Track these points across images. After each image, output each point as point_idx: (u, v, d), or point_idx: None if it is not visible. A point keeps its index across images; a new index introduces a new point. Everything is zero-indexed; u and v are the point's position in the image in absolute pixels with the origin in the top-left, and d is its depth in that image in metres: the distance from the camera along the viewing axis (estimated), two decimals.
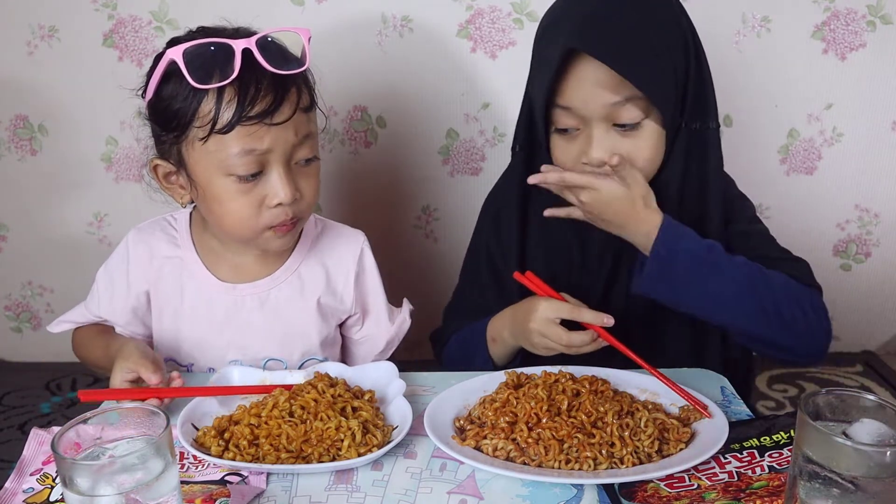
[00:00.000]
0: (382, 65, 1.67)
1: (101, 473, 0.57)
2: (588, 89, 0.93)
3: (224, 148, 0.87)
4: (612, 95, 0.92)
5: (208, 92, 0.86)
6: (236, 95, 0.86)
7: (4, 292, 1.91)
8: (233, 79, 0.85)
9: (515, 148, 1.07)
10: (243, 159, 0.88)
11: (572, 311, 0.93)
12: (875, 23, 1.65)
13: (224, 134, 0.86)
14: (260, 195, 0.91)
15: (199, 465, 0.77)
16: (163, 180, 0.96)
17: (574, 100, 0.94)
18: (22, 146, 1.74)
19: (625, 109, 0.93)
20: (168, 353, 1.03)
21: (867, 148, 1.77)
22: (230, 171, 0.89)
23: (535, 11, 1.62)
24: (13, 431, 1.72)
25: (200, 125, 0.87)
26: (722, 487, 0.71)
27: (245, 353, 1.03)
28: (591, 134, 0.95)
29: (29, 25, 1.64)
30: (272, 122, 0.87)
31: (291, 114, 0.88)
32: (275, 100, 0.87)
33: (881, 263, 1.89)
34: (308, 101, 0.93)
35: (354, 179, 1.77)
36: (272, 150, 0.88)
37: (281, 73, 0.87)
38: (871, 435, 0.59)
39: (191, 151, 0.90)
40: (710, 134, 1.00)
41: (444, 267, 1.79)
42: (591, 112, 0.94)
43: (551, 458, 0.75)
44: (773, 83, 1.71)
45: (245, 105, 0.85)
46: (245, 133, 0.86)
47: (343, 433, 0.77)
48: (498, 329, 1.03)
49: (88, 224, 1.81)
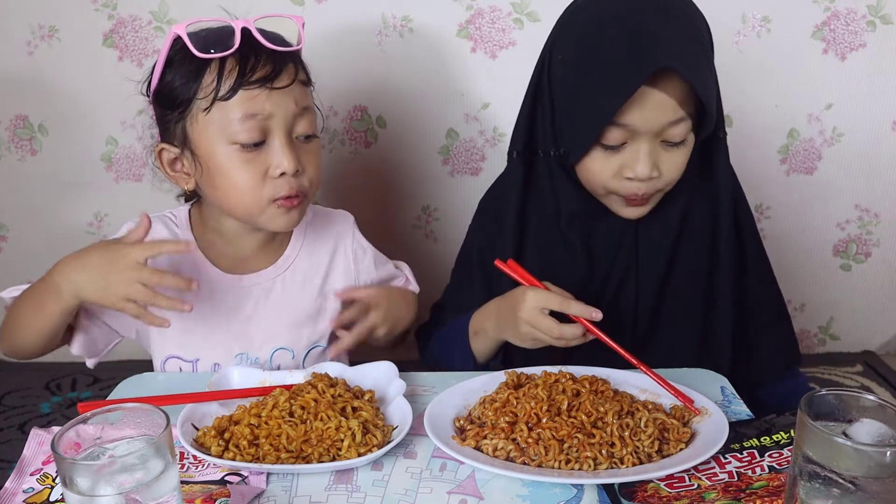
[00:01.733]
0: (382, 65, 1.66)
1: (101, 473, 0.57)
2: (653, 108, 0.89)
3: (227, 114, 0.91)
4: (674, 114, 0.90)
5: (210, 64, 0.90)
6: (237, 65, 0.90)
7: None
8: (234, 50, 0.89)
9: (513, 154, 1.05)
10: (246, 124, 0.90)
11: (561, 302, 0.91)
12: (875, 23, 1.65)
13: (227, 100, 0.90)
14: (263, 165, 0.93)
15: (199, 465, 0.77)
16: (168, 167, 0.98)
17: (636, 118, 0.90)
18: (22, 146, 1.74)
19: (678, 127, 0.91)
20: (172, 349, 1.03)
21: (867, 148, 1.77)
22: (233, 138, 0.91)
23: (536, 11, 1.62)
24: (13, 431, 1.72)
25: (204, 96, 0.91)
26: (722, 487, 0.71)
27: (252, 344, 1.04)
28: (639, 149, 0.92)
29: (29, 25, 1.64)
30: (273, 87, 0.91)
31: (290, 81, 0.92)
32: (274, 68, 0.91)
33: (881, 263, 1.89)
34: (305, 77, 0.96)
35: (354, 179, 1.77)
36: (273, 115, 0.91)
37: (278, 48, 0.92)
38: (871, 435, 0.59)
39: (195, 125, 0.93)
40: (718, 142, 1.00)
41: (444, 267, 1.77)
42: (648, 129, 0.91)
43: (551, 458, 0.75)
44: (773, 83, 1.71)
45: (246, 72, 0.90)
46: (247, 97, 0.90)
47: (343, 433, 0.77)
48: (481, 321, 1.02)
49: (88, 224, 1.81)
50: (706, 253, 1.04)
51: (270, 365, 1.05)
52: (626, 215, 0.99)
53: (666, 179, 0.95)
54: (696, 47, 0.91)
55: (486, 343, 1.02)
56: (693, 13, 0.94)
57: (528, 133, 1.03)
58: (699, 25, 0.94)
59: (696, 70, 0.89)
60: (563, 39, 0.98)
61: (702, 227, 1.03)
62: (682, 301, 1.04)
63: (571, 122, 0.96)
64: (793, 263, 1.08)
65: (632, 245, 1.02)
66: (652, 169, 0.92)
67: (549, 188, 1.03)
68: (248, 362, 1.04)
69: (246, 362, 1.04)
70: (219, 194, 0.96)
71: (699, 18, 0.94)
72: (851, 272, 1.90)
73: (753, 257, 1.06)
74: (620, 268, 1.03)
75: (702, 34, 0.93)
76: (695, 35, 0.92)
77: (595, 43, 0.92)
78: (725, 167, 1.03)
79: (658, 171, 0.93)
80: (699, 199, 1.02)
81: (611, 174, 0.95)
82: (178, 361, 1.04)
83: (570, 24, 0.97)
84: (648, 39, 0.88)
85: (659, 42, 0.88)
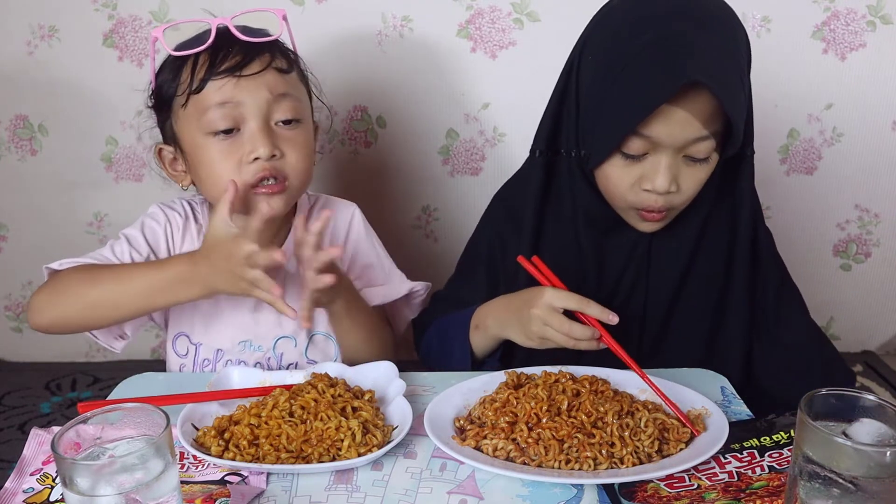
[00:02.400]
0: (382, 65, 1.66)
1: (101, 473, 0.57)
2: (678, 122, 0.86)
3: (200, 106, 0.94)
4: (700, 130, 0.87)
5: (186, 62, 0.94)
6: (209, 59, 0.93)
7: (4, 292, 1.91)
8: (206, 46, 0.92)
9: (535, 152, 1.03)
10: (217, 112, 0.93)
11: (580, 301, 0.90)
12: (875, 23, 1.65)
13: (198, 93, 0.93)
14: (239, 153, 0.95)
15: (199, 465, 0.77)
16: (169, 167, 1.02)
17: (661, 132, 0.87)
18: (22, 146, 1.74)
19: (704, 144, 0.88)
20: (182, 327, 1.06)
21: (867, 148, 1.77)
22: (208, 127, 0.94)
23: (536, 11, 1.62)
24: (13, 431, 1.72)
25: (181, 93, 0.94)
26: (722, 487, 0.71)
27: (256, 332, 1.05)
28: (660, 162, 0.90)
29: (29, 25, 1.64)
30: (241, 75, 0.93)
31: (261, 69, 0.94)
32: (244, 58, 0.93)
33: (881, 263, 1.89)
34: (284, 65, 0.98)
35: (354, 179, 1.77)
36: (243, 103, 0.93)
37: (250, 39, 0.94)
38: (871, 435, 0.59)
39: (178, 122, 0.97)
40: (745, 161, 0.98)
41: (444, 267, 1.78)
42: (671, 143, 0.88)
43: (551, 458, 0.75)
44: (773, 83, 1.70)
45: (216, 64, 0.92)
46: (216, 87, 0.93)
47: (343, 433, 0.77)
48: (483, 317, 1.01)
49: (88, 224, 1.81)
50: (721, 272, 1.02)
51: (274, 353, 1.06)
52: (642, 229, 0.98)
53: (684, 196, 0.93)
54: (730, 62, 0.87)
55: (484, 339, 1.01)
56: (733, 24, 0.89)
57: (552, 132, 1.01)
58: (737, 37, 0.89)
59: (726, 87, 0.84)
60: (595, 40, 0.94)
61: (718, 246, 1.01)
62: (690, 319, 1.03)
63: (594, 126, 0.94)
64: (793, 263, 1.08)
65: (644, 257, 1.01)
66: (671, 183, 0.90)
67: (567, 190, 1.02)
68: (251, 349, 1.05)
69: (249, 349, 1.05)
70: (206, 187, 0.99)
71: (738, 29, 0.90)
72: (851, 272, 1.90)
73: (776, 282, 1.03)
74: (630, 278, 1.02)
75: (738, 48, 0.89)
76: (731, 48, 0.88)
77: (626, 48, 0.88)
78: (749, 187, 1.00)
79: (676, 186, 0.91)
80: (718, 217, 1.00)
81: (629, 184, 0.93)
82: (185, 341, 1.06)
83: (602, 25, 0.94)
84: (681, 50, 0.84)
85: (692, 54, 0.84)
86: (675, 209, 0.96)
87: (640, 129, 0.87)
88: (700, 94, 0.84)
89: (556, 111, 1.00)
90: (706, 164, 0.92)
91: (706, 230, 1.00)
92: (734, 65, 0.88)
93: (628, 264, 1.01)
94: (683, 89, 0.83)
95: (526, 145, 1.04)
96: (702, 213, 0.99)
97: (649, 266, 1.01)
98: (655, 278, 1.02)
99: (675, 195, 0.92)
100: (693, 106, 0.85)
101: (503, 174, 1.16)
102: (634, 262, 1.01)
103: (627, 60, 0.87)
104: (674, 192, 0.91)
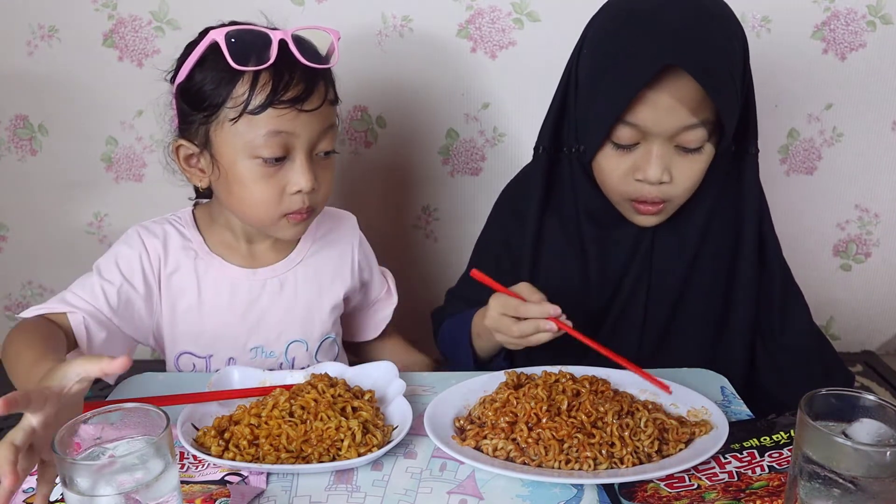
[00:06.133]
0: (382, 65, 1.66)
1: (101, 473, 0.57)
2: (665, 109, 0.87)
3: (253, 129, 0.90)
4: (688, 118, 0.87)
5: (243, 75, 0.89)
6: (270, 80, 0.89)
7: (4, 292, 1.91)
8: (269, 64, 0.88)
9: (539, 149, 1.04)
10: (270, 140, 0.90)
11: (517, 307, 0.90)
12: (875, 23, 1.65)
13: (255, 115, 0.90)
14: (282, 181, 0.94)
15: (199, 465, 0.77)
16: (183, 163, 0.98)
17: (647, 119, 0.88)
18: (22, 146, 1.74)
19: (694, 132, 0.89)
20: (184, 346, 1.05)
21: (867, 148, 1.76)
22: (256, 152, 0.91)
23: (536, 11, 1.62)
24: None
25: (233, 106, 0.90)
26: (722, 487, 0.71)
27: (267, 337, 1.05)
28: (650, 151, 0.90)
29: (29, 25, 1.64)
30: (302, 109, 0.91)
31: (320, 104, 0.93)
32: (306, 88, 0.91)
33: (881, 263, 1.89)
34: (334, 96, 0.97)
35: (354, 179, 1.77)
36: (298, 135, 0.92)
37: (312, 65, 0.91)
38: (871, 435, 0.59)
39: (219, 132, 0.92)
40: (748, 158, 0.98)
41: (444, 267, 1.79)
42: (660, 131, 0.89)
43: (551, 458, 0.75)
44: (773, 83, 1.70)
45: (279, 89, 0.89)
46: (275, 115, 0.90)
47: (343, 433, 0.77)
48: (478, 325, 1.03)
49: (88, 224, 1.81)
50: (725, 270, 1.02)
51: (286, 358, 1.06)
52: (639, 223, 0.98)
53: (679, 187, 0.93)
54: (719, 54, 0.87)
55: (486, 344, 1.03)
56: (727, 20, 0.89)
57: (555, 129, 1.02)
58: (731, 33, 0.89)
59: (711, 75, 0.84)
60: (591, 36, 0.96)
61: (723, 245, 1.01)
62: (693, 317, 1.03)
63: (587, 117, 0.95)
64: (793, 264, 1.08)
65: (647, 254, 1.01)
66: (662, 172, 0.90)
67: (569, 186, 1.02)
68: (263, 356, 1.05)
69: (261, 356, 1.05)
70: (233, 200, 0.97)
71: (732, 25, 0.90)
72: (851, 272, 1.89)
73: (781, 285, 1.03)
74: (633, 276, 1.02)
75: (732, 43, 0.89)
76: (722, 41, 0.87)
77: (614, 38, 0.90)
78: (754, 186, 1.00)
79: (669, 176, 0.91)
80: (722, 216, 1.00)
81: (622, 174, 0.93)
82: (190, 357, 1.04)
83: (599, 20, 0.96)
84: (666, 39, 0.85)
85: (677, 42, 0.85)
86: (672, 202, 0.96)
87: (626, 116, 0.88)
88: (685, 81, 0.85)
89: (559, 108, 1.01)
90: (700, 155, 0.92)
91: (710, 227, 1.01)
92: (724, 57, 0.88)
93: (631, 260, 1.01)
94: (667, 75, 0.84)
95: (526, 145, 1.04)
96: (705, 211, 0.99)
97: (652, 262, 1.02)
98: (658, 275, 1.02)
99: (669, 186, 0.92)
100: (679, 92, 0.86)
101: (503, 174, 1.16)
102: (637, 258, 1.01)
103: (617, 51, 0.89)
104: (667, 183, 0.92)
